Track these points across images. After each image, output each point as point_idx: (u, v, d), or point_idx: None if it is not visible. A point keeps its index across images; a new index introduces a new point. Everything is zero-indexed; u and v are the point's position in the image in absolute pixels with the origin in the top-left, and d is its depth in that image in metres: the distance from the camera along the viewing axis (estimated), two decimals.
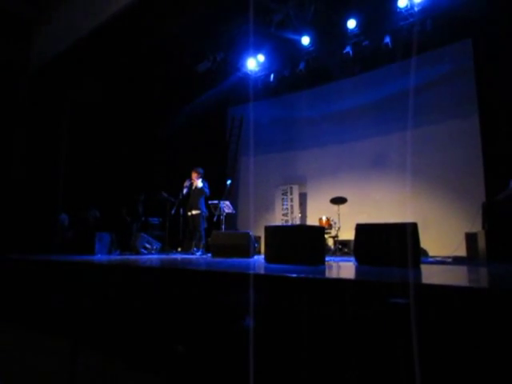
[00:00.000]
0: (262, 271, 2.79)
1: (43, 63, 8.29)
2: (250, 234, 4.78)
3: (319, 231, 3.67)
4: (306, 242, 3.43)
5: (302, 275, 2.35)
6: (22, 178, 7.73)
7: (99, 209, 8.42)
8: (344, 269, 3.16)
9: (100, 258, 5.44)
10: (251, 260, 4.20)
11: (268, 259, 3.61)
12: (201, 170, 6.88)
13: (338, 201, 8.07)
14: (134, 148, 9.22)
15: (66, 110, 8.42)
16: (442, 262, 3.94)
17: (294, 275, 2.37)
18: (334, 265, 3.56)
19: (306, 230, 3.60)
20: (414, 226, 3.27)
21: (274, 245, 3.64)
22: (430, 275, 2.57)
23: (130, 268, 3.56)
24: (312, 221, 8.77)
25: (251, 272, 2.53)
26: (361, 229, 3.57)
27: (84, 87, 8.57)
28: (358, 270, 2.91)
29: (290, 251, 3.46)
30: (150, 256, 5.72)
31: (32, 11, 8.55)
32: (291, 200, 9.88)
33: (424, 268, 3.15)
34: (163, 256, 5.77)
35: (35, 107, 8.18)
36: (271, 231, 3.77)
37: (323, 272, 2.71)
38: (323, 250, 3.49)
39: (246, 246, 4.62)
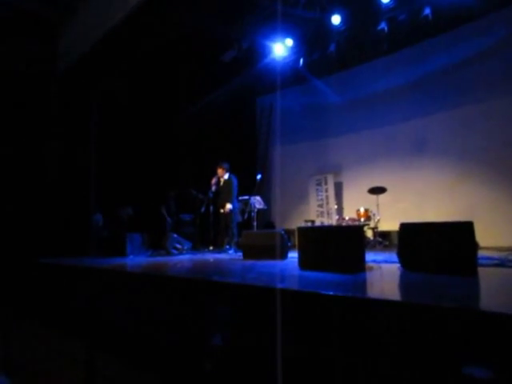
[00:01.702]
0: (294, 284, 2.49)
1: (70, 64, 8.30)
2: (282, 233, 4.48)
3: (358, 232, 3.29)
4: (343, 246, 3.08)
5: (339, 293, 2.03)
6: (55, 179, 7.82)
7: (132, 206, 8.43)
8: (388, 279, 2.79)
9: (130, 260, 5.36)
10: (283, 264, 3.90)
11: (302, 265, 3.30)
12: (226, 165, 6.65)
13: (377, 191, 7.56)
14: (162, 144, 9.11)
15: (93, 109, 8.42)
16: (501, 263, 3.45)
17: (331, 293, 2.05)
18: (376, 271, 3.19)
19: (343, 232, 3.25)
20: (469, 225, 2.82)
21: (307, 249, 3.32)
22: (497, 292, 2.15)
23: (156, 277, 3.38)
24: (349, 212, 8.33)
25: (280, 287, 2.24)
26: (406, 229, 3.16)
27: (110, 84, 8.52)
28: (405, 282, 2.54)
29: (325, 256, 3.12)
30: (180, 257, 5.57)
31: (56, 13, 8.56)
32: (326, 190, 9.45)
33: (482, 273, 2.72)
34: (194, 257, 5.60)
35: (64, 108, 8.24)
36: (304, 233, 3.44)
37: (363, 286, 2.37)
38: (363, 254, 3.12)
39: (278, 247, 4.32)
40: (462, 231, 2.83)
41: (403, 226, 3.21)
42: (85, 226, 7.44)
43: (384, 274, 2.97)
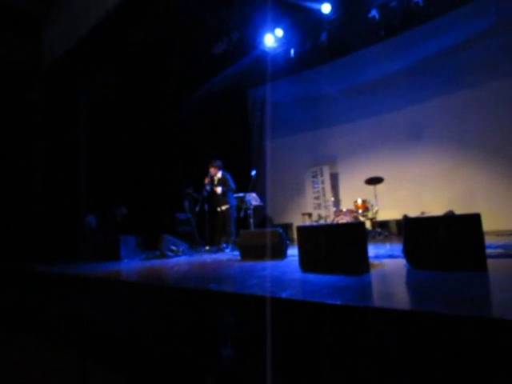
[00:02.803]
0: (297, 292, 2.34)
1: (54, 60, 8.02)
2: (281, 231, 4.33)
3: (359, 229, 3.15)
4: (345, 245, 2.95)
5: (348, 303, 1.89)
6: (43, 180, 7.57)
7: (126, 206, 8.21)
8: (395, 279, 2.65)
9: (124, 264, 5.19)
10: (284, 265, 3.75)
11: (303, 267, 3.16)
12: (218, 163, 6.49)
13: (374, 181, 7.44)
14: (154, 140, 8.88)
15: (81, 106, 8.16)
16: (506, 252, 3.34)
17: (338, 302, 1.91)
18: (381, 270, 3.06)
19: (344, 230, 3.10)
20: (477, 217, 2.69)
21: (308, 249, 3.18)
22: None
23: (149, 286, 3.22)
24: (346, 204, 8.21)
25: (283, 297, 2.10)
26: (411, 225, 3.03)
27: (97, 81, 8.27)
28: (412, 284, 2.40)
29: (327, 256, 2.99)
30: (176, 259, 5.41)
31: (40, 7, 8.27)
32: (322, 182, 9.33)
33: (491, 266, 2.59)
34: (191, 258, 5.45)
35: (51, 106, 7.97)
36: (304, 232, 3.30)
37: (370, 290, 2.23)
38: (366, 252, 2.99)
39: (276, 246, 4.18)
40: (470, 224, 2.70)
41: (408, 221, 3.08)
42: (76, 228, 7.25)
43: (390, 274, 2.84)
